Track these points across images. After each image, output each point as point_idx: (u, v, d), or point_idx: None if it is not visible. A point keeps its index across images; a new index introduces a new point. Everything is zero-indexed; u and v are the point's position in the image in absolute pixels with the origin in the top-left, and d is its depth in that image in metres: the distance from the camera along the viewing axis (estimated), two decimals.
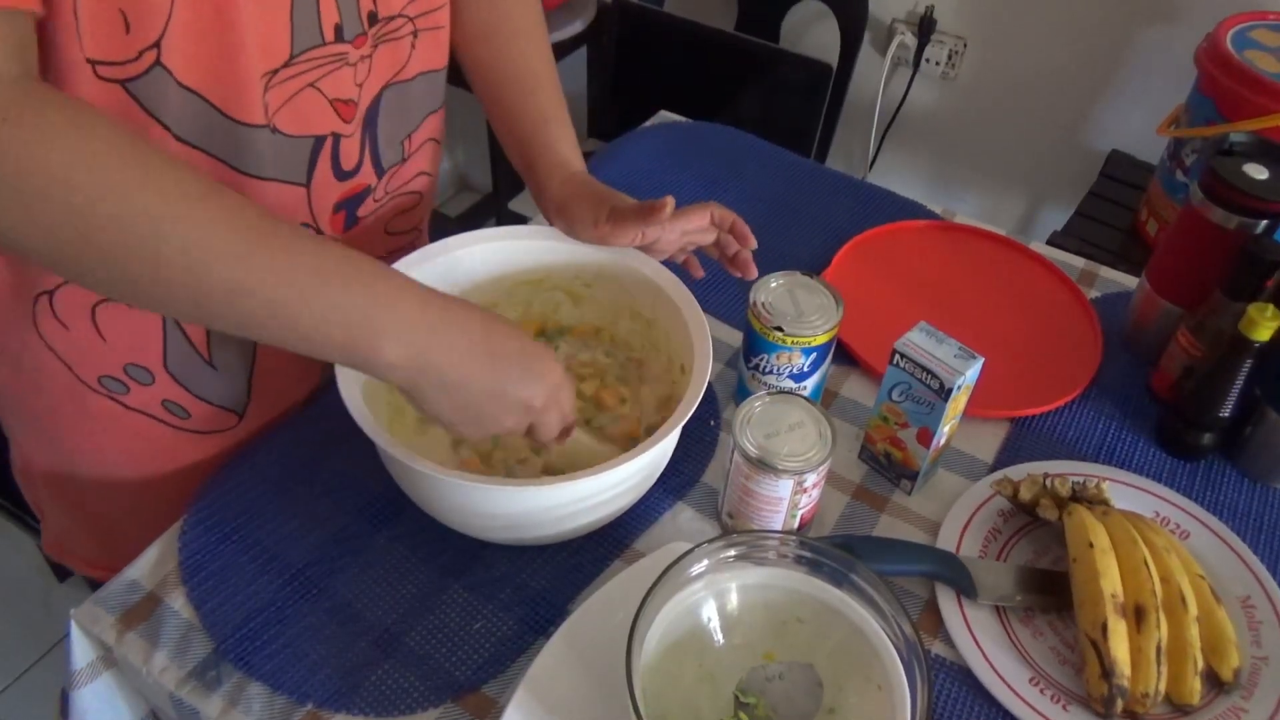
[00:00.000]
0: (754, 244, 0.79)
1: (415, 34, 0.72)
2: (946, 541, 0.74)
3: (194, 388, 0.75)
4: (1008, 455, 0.83)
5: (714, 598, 0.61)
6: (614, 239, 0.75)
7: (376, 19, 0.67)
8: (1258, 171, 0.80)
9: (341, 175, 0.72)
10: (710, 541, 0.60)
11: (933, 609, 0.71)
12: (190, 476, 0.78)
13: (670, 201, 0.72)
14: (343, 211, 0.74)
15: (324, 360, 0.57)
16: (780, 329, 0.75)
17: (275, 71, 0.62)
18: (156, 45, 0.55)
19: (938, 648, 0.69)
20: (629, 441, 0.75)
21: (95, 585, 0.71)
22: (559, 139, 0.80)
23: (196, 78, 0.58)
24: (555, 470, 0.73)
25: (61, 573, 1.61)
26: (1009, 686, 0.65)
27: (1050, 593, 0.70)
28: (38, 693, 1.59)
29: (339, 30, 0.64)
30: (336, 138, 0.69)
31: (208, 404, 0.76)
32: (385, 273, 0.57)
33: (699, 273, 0.85)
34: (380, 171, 0.75)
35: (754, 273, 0.80)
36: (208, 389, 0.76)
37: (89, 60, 0.55)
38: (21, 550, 1.71)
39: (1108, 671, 0.63)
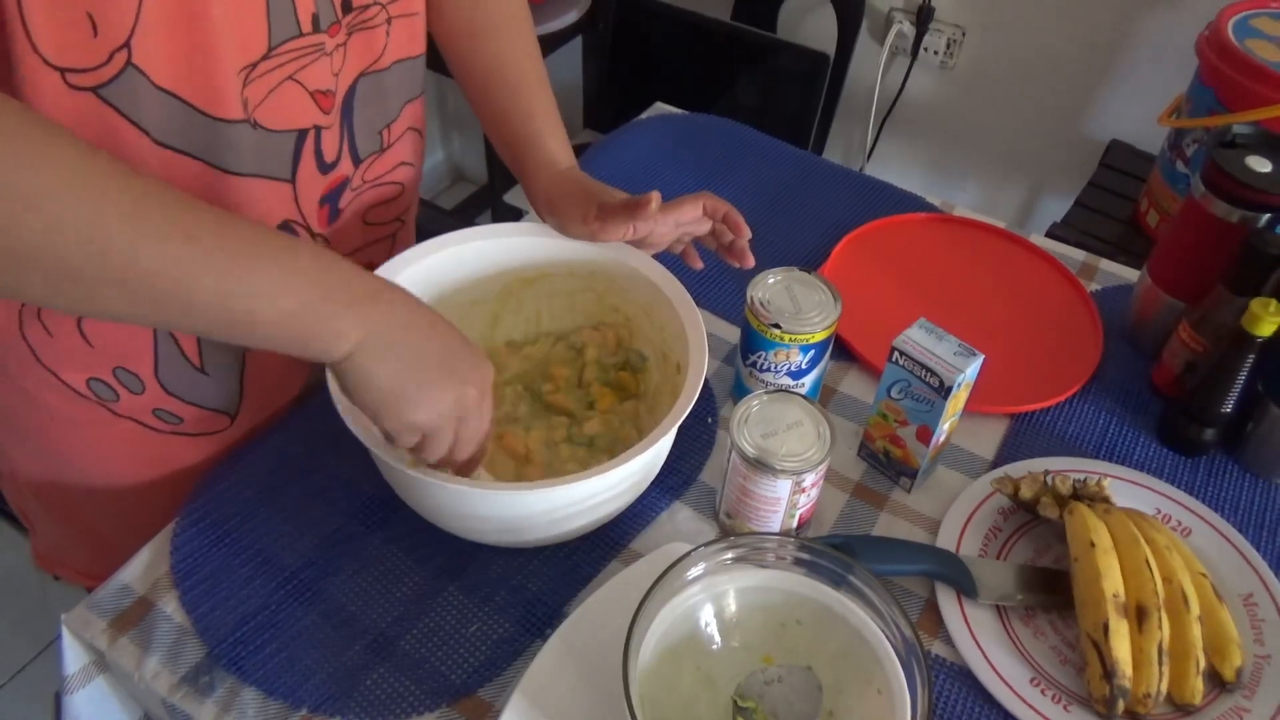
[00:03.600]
0: (748, 234, 0.79)
1: (389, 21, 0.70)
2: (946, 540, 0.73)
3: (186, 395, 0.74)
4: (1008, 452, 0.82)
5: (712, 601, 0.61)
6: (604, 235, 0.74)
7: (351, 7, 0.66)
8: (1260, 164, 0.80)
9: (324, 168, 0.71)
10: (708, 544, 0.59)
11: (933, 608, 0.70)
12: (182, 481, 0.77)
13: (656, 196, 0.72)
14: (327, 205, 0.73)
15: (267, 347, 0.54)
16: (778, 326, 0.75)
17: (254, 65, 0.60)
18: (127, 45, 0.53)
19: (938, 648, 0.68)
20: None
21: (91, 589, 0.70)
22: (547, 135, 0.79)
23: (171, 76, 0.57)
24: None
25: None
26: (1009, 687, 0.65)
27: (1051, 592, 0.70)
28: (34, 689, 1.58)
29: (315, 20, 0.63)
30: (318, 130, 0.68)
31: (200, 408, 0.75)
32: (315, 246, 0.55)
33: (697, 264, 0.84)
34: (356, 161, 0.74)
35: (751, 261, 0.79)
36: (199, 394, 0.75)
37: (57, 69, 0.53)
38: (17, 547, 1.70)
39: (1109, 672, 0.63)
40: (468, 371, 0.59)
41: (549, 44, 1.80)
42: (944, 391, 0.70)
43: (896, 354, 0.72)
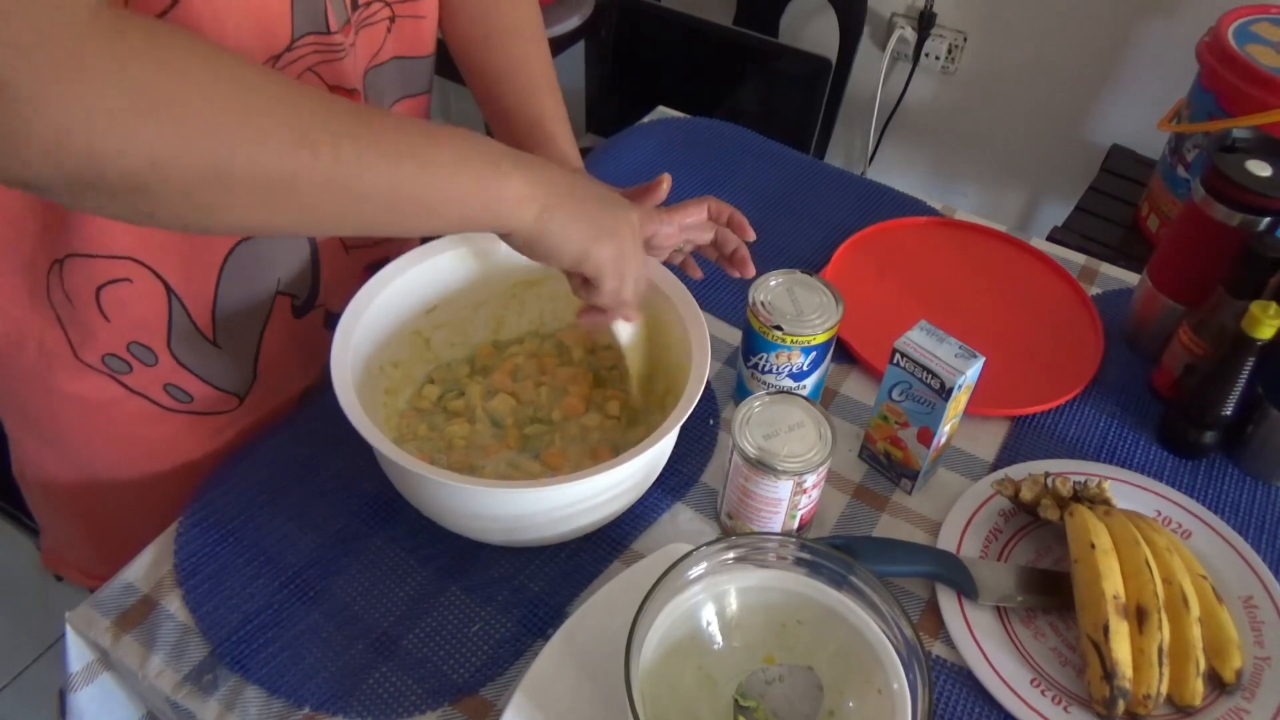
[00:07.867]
0: (752, 236, 0.79)
1: (392, 19, 0.71)
2: (947, 541, 0.74)
3: (197, 370, 0.74)
4: (1009, 454, 0.82)
5: (713, 600, 0.61)
6: None
7: (357, 5, 0.67)
8: (1260, 168, 0.80)
9: None
10: (709, 544, 0.59)
11: (933, 610, 0.70)
12: (187, 476, 0.77)
13: (667, 178, 0.74)
14: None
15: (447, 227, 0.60)
16: (779, 328, 0.75)
17: (277, 57, 0.61)
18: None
19: (938, 649, 0.69)
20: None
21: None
22: (555, 136, 0.80)
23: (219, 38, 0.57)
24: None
25: None
26: (1010, 688, 0.65)
27: (1052, 593, 0.70)
28: (36, 692, 1.58)
29: (329, 20, 0.64)
30: None
31: (210, 386, 0.75)
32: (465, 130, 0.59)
33: (697, 274, 0.85)
34: None
35: (752, 271, 0.80)
36: (211, 370, 0.75)
37: None
38: (19, 549, 1.70)
39: (1109, 673, 0.63)
40: (625, 214, 0.67)
41: (552, 48, 1.81)
42: (945, 393, 0.70)
43: (897, 356, 0.72)
